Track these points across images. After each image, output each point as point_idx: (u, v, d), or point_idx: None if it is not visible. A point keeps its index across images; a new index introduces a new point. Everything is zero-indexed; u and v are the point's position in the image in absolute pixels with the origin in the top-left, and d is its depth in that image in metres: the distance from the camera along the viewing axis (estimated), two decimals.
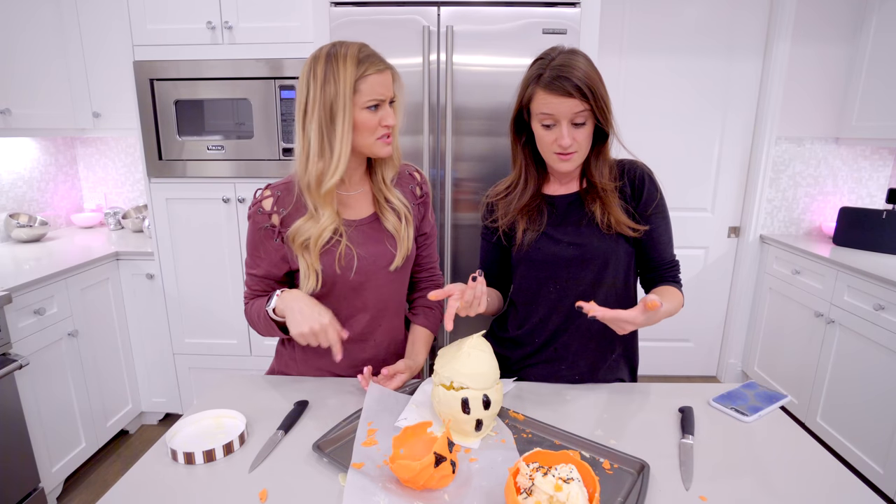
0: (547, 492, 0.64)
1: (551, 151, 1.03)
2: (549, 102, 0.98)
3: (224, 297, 2.20)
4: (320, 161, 0.97)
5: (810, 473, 0.80)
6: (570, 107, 0.97)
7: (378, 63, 0.97)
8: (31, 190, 2.45)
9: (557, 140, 1.00)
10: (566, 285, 1.11)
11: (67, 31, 2.25)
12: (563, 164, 1.04)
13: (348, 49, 0.96)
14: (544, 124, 1.02)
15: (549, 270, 1.11)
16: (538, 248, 1.10)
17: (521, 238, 1.11)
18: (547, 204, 1.12)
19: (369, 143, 1.00)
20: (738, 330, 2.82)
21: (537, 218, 1.11)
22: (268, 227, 1.04)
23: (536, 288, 1.13)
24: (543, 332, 1.15)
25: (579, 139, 1.01)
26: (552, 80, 0.97)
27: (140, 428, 2.42)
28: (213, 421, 0.92)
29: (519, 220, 1.11)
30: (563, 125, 0.99)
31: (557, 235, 1.10)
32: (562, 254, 1.09)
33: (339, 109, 0.95)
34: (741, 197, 2.74)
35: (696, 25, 2.51)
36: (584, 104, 0.97)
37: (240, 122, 2.05)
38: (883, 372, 1.91)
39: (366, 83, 0.95)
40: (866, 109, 2.40)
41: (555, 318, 1.13)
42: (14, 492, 1.66)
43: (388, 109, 1.00)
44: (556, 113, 0.99)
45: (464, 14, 1.78)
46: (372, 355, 1.15)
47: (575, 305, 0.94)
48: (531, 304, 1.15)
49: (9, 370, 1.57)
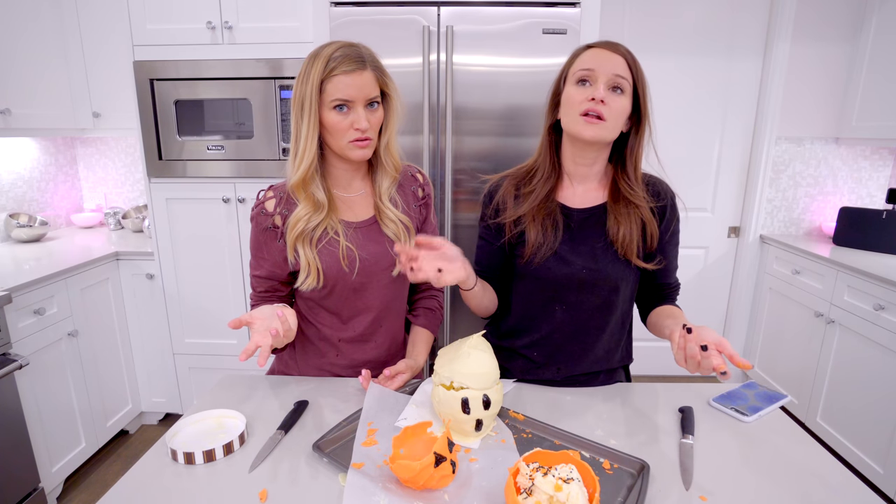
0: (547, 492, 0.64)
1: (578, 112, 0.93)
2: (594, 55, 0.94)
3: (224, 297, 2.20)
4: (294, 156, 1.00)
5: (810, 473, 0.80)
6: (614, 65, 0.92)
7: (348, 63, 0.94)
8: (31, 190, 2.45)
9: (590, 95, 0.92)
10: (574, 307, 1.05)
11: (67, 32, 2.25)
12: (588, 129, 0.93)
13: (327, 48, 0.95)
14: (581, 80, 0.94)
15: (557, 291, 1.04)
16: (548, 267, 1.02)
17: (532, 253, 1.02)
18: (563, 215, 1.03)
19: (341, 145, 0.99)
20: (738, 330, 2.82)
21: (552, 231, 1.02)
22: (270, 227, 1.05)
23: (541, 305, 1.07)
24: (545, 349, 1.10)
25: (613, 105, 0.93)
26: (603, 42, 0.96)
27: (140, 428, 2.42)
28: (213, 421, 0.92)
29: (531, 229, 1.02)
30: (600, 82, 0.92)
31: (571, 257, 1.01)
32: (574, 276, 1.01)
33: (305, 106, 0.96)
34: (741, 197, 2.74)
35: (696, 25, 2.52)
36: (628, 70, 0.94)
37: (240, 122, 2.05)
38: (883, 372, 1.91)
39: (331, 83, 0.94)
40: (866, 109, 2.40)
41: (557, 337, 1.08)
42: (14, 492, 1.66)
43: (359, 112, 0.96)
44: (597, 68, 0.93)
45: (464, 14, 1.78)
46: (372, 356, 1.15)
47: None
48: (534, 319, 1.09)
49: (9, 370, 1.57)
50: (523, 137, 1.87)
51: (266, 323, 0.90)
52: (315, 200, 1.02)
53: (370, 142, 1.00)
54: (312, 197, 1.02)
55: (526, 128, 1.87)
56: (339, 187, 1.08)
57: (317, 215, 1.02)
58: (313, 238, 1.03)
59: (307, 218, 1.01)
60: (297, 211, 1.01)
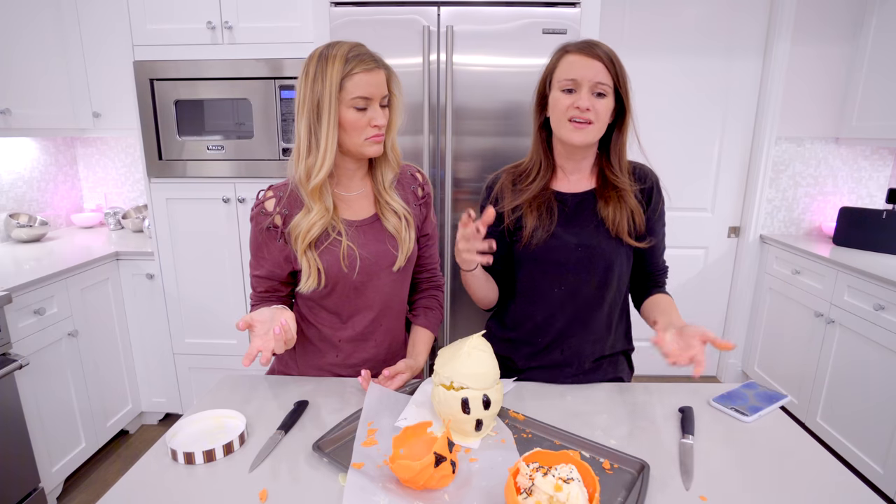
0: (547, 492, 0.64)
1: (566, 118, 0.99)
2: (575, 64, 0.98)
3: (224, 298, 2.20)
4: (309, 158, 0.99)
5: (810, 473, 0.80)
6: (595, 72, 0.97)
7: (367, 62, 0.96)
8: (31, 190, 2.45)
9: (575, 102, 0.97)
10: (573, 287, 1.09)
11: (67, 32, 2.25)
12: (577, 134, 0.99)
13: (339, 48, 0.96)
14: (565, 89, 0.99)
15: (556, 271, 1.09)
16: (547, 248, 1.07)
17: (530, 236, 1.07)
18: (557, 201, 1.09)
19: (357, 142, 1.00)
20: (738, 330, 2.82)
21: (547, 216, 1.07)
22: (270, 227, 1.05)
23: (542, 288, 1.11)
24: (548, 332, 1.13)
25: (598, 109, 0.98)
26: (580, 45, 1.00)
27: (140, 428, 2.42)
28: (213, 421, 0.92)
29: (528, 215, 1.07)
30: (583, 90, 0.98)
31: (567, 237, 1.07)
32: (571, 256, 1.07)
33: (324, 107, 0.96)
34: (741, 197, 2.74)
35: (696, 25, 2.51)
36: (608, 75, 0.98)
37: (240, 122, 2.05)
38: (883, 372, 1.91)
39: (351, 81, 0.96)
40: (866, 109, 2.40)
41: (560, 319, 1.12)
42: (14, 492, 1.66)
43: (377, 109, 0.99)
44: (579, 77, 0.97)
45: (464, 14, 1.78)
46: (372, 355, 1.15)
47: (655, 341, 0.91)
48: (535, 303, 1.13)
49: (9, 370, 1.57)
50: (523, 137, 1.87)
51: (266, 326, 0.93)
52: (325, 207, 1.02)
53: (383, 137, 1.03)
54: (323, 202, 1.02)
55: (526, 128, 1.87)
56: (340, 186, 1.08)
57: (324, 220, 1.02)
58: (308, 238, 1.03)
59: (321, 223, 1.01)
60: (311, 216, 1.01)
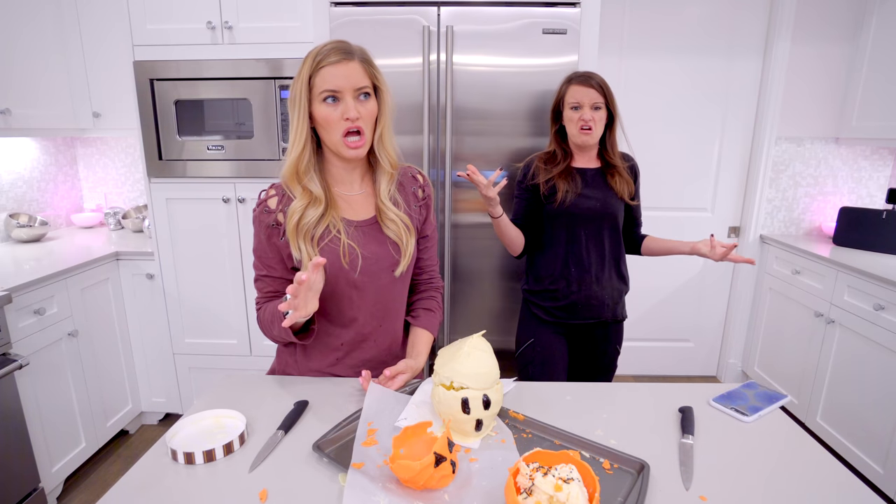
0: (547, 492, 0.64)
1: (577, 127, 1.49)
2: (577, 91, 1.49)
3: (224, 297, 2.20)
4: (291, 152, 1.02)
5: (810, 473, 0.81)
6: (591, 97, 1.47)
7: (334, 55, 0.96)
8: (31, 190, 2.45)
9: (581, 116, 1.48)
10: (593, 231, 1.55)
11: (67, 31, 2.25)
12: (584, 137, 1.50)
13: (319, 46, 0.98)
14: (573, 107, 1.50)
15: (583, 220, 1.54)
16: (576, 204, 1.52)
17: (563, 197, 1.51)
18: (578, 173, 1.55)
19: (335, 140, 1.00)
20: (738, 330, 2.82)
21: (573, 183, 1.53)
22: (273, 224, 1.05)
23: (569, 237, 1.55)
24: (572, 271, 1.55)
25: (596, 119, 1.48)
26: (580, 78, 1.50)
27: (140, 428, 2.42)
28: (213, 421, 0.92)
29: (559, 183, 1.52)
30: (586, 107, 1.48)
31: (589, 194, 1.53)
32: (593, 208, 1.53)
33: (295, 103, 0.99)
34: (741, 197, 2.74)
35: (697, 25, 2.51)
36: (601, 96, 1.48)
37: (240, 122, 2.05)
38: (883, 372, 1.91)
39: (319, 76, 0.96)
40: (866, 109, 2.40)
41: (582, 255, 1.55)
42: (14, 492, 1.66)
43: (348, 102, 0.97)
44: (581, 100, 1.48)
45: (464, 14, 1.78)
46: (371, 356, 1.15)
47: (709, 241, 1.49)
48: (567, 244, 1.55)
49: (9, 370, 1.57)
50: (523, 137, 1.88)
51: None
52: (310, 193, 1.02)
53: (363, 138, 1.01)
54: (307, 189, 1.03)
55: (526, 128, 1.87)
56: (341, 186, 1.08)
57: (313, 209, 1.02)
58: (315, 235, 1.03)
59: (302, 209, 1.02)
60: (294, 203, 1.02)
